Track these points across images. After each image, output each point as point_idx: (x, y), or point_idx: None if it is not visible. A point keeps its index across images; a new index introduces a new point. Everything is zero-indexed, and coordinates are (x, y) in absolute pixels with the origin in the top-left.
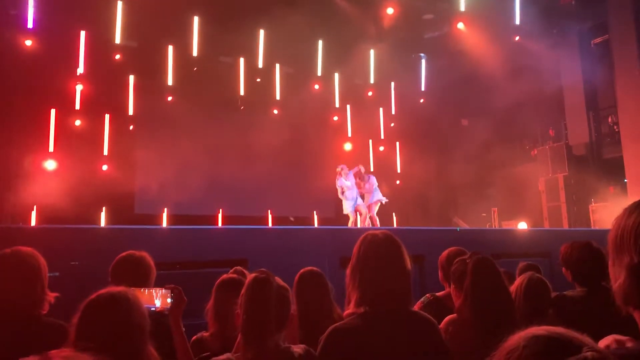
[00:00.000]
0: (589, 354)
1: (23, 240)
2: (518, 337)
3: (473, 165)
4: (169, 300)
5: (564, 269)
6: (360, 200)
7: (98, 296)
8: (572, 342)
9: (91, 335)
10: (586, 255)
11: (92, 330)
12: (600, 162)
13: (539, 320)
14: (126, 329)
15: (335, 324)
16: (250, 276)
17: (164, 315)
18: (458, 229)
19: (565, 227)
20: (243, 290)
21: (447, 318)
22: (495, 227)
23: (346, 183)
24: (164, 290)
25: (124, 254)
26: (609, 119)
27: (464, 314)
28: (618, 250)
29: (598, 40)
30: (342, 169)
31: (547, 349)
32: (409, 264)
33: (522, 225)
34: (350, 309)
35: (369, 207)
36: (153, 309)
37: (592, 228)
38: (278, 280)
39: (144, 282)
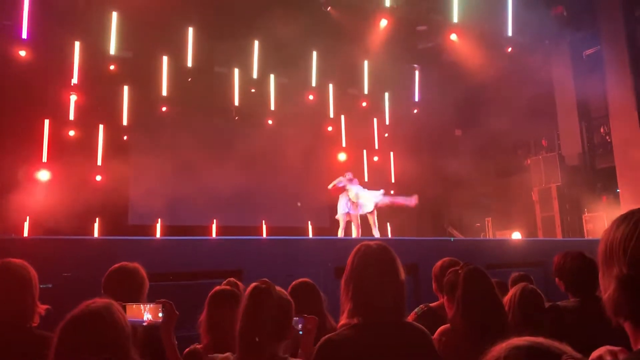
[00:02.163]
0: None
1: (15, 251)
2: (499, 348)
3: (467, 175)
4: (160, 314)
5: (557, 279)
6: (348, 209)
7: (75, 314)
8: (551, 351)
9: (69, 351)
10: (579, 265)
11: (69, 347)
12: (593, 172)
13: (533, 331)
14: (102, 348)
15: (329, 335)
16: (251, 285)
17: (156, 329)
18: (452, 239)
19: (559, 237)
20: (243, 300)
21: (440, 329)
22: (489, 237)
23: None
24: (155, 305)
25: (116, 265)
26: (601, 129)
27: (456, 325)
28: (607, 262)
29: (590, 51)
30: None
31: (527, 359)
32: (403, 275)
33: (516, 235)
34: (343, 320)
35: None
36: (144, 323)
37: (586, 238)
38: (281, 291)
39: (136, 294)
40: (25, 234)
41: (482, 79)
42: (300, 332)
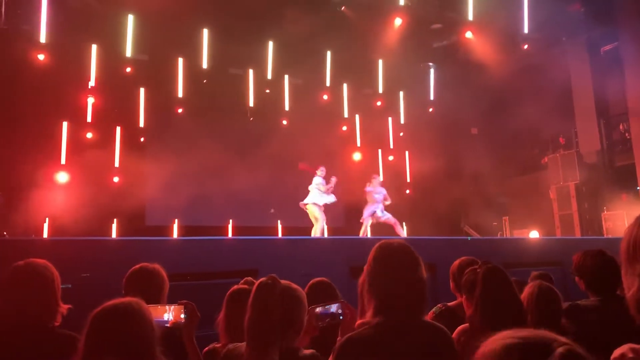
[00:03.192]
0: (560, 349)
1: (35, 252)
2: (491, 349)
3: (483, 173)
4: (182, 316)
5: (577, 278)
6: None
7: (102, 308)
8: (542, 342)
9: (98, 347)
10: (599, 263)
11: (98, 342)
12: (612, 170)
13: (551, 329)
14: (131, 339)
15: (349, 334)
16: (258, 281)
17: (177, 330)
18: (469, 238)
19: (578, 235)
20: (250, 295)
21: (459, 328)
22: (506, 236)
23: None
24: (177, 306)
25: (136, 266)
26: (620, 126)
27: (475, 324)
28: (630, 260)
29: (608, 47)
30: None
31: (521, 357)
32: (424, 273)
33: (534, 234)
34: (362, 319)
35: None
36: (167, 324)
37: (605, 236)
38: (289, 285)
39: (157, 294)
40: (45, 235)
41: (498, 77)
42: (341, 317)
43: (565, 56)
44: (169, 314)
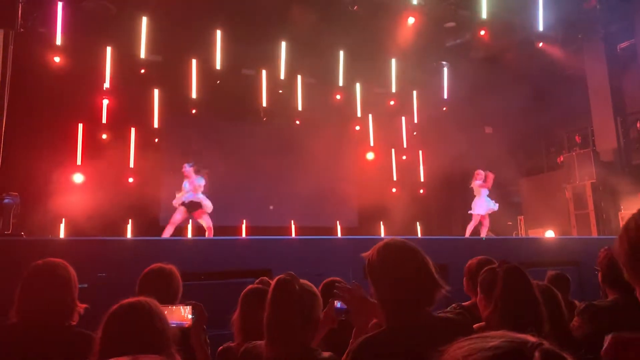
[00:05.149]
0: (537, 353)
1: (52, 252)
2: None
3: (498, 173)
4: (190, 316)
5: (598, 270)
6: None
7: (119, 306)
8: (515, 349)
9: (115, 344)
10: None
11: (115, 339)
12: (629, 168)
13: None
14: (148, 336)
15: (367, 335)
16: (276, 277)
17: (186, 330)
18: (483, 238)
19: (594, 235)
20: (269, 291)
21: (475, 325)
22: (521, 235)
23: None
24: (185, 307)
25: (152, 266)
26: (638, 124)
27: (493, 324)
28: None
29: (624, 44)
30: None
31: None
32: (432, 269)
33: (550, 234)
34: (377, 319)
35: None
36: (174, 324)
37: None
38: (306, 283)
39: (171, 296)
40: (61, 235)
41: (513, 76)
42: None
43: (581, 54)
44: (178, 314)
